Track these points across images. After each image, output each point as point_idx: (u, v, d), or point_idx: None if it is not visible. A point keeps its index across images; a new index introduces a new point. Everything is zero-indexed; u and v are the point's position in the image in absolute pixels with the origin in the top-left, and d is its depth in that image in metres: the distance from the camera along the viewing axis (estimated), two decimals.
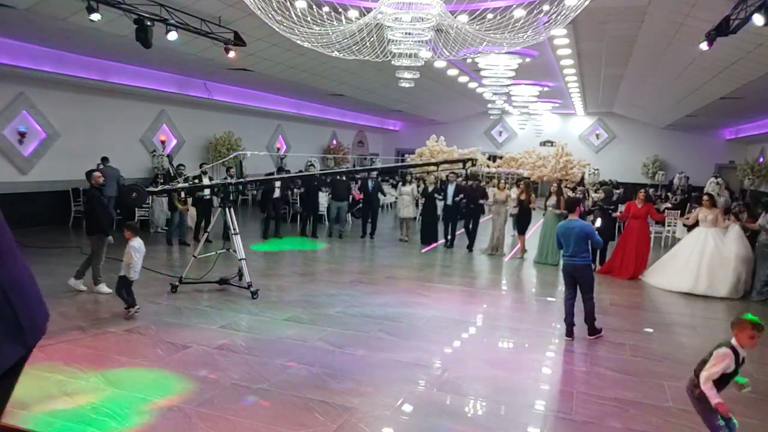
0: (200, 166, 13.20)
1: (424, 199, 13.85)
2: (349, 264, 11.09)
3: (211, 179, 12.41)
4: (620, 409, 4.94)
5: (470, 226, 12.83)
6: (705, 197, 10.40)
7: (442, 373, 5.63)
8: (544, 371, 5.92)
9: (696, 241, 9.84)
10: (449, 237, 13.12)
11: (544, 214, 12.01)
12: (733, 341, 3.73)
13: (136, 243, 6.96)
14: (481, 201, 12.85)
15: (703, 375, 3.69)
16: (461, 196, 12.84)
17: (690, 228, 13.28)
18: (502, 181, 13.80)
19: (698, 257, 9.55)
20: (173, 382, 5.07)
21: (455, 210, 13.02)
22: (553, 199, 11.62)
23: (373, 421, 4.52)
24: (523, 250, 12.16)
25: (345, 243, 13.40)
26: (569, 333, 6.75)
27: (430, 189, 13.63)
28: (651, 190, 18.17)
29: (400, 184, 14.62)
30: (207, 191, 11.38)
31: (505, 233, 12.60)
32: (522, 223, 12.29)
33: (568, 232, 6.72)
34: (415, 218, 14.74)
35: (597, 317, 6.87)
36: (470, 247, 12.69)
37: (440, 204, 13.68)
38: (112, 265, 8.10)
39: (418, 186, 14.60)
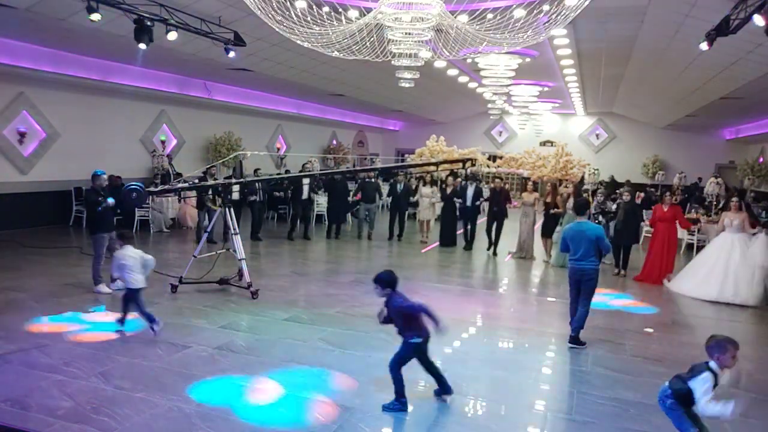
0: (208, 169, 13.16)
1: (443, 201, 13.67)
2: (349, 264, 11.09)
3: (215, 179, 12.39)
4: (620, 409, 4.95)
5: (493, 228, 12.56)
6: (734, 200, 10.01)
7: (442, 373, 5.62)
8: (544, 371, 5.92)
9: (722, 248, 9.44)
10: (467, 239, 13.10)
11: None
12: (713, 365, 3.77)
13: None
14: (507, 205, 12.56)
15: (702, 404, 3.69)
16: (481, 199, 12.84)
17: (685, 227, 13.28)
18: (530, 183, 13.45)
19: (724, 264, 9.19)
20: (173, 382, 5.07)
21: (474, 212, 13.00)
22: (572, 201, 11.47)
23: (373, 421, 4.52)
24: (549, 254, 11.86)
25: (345, 243, 13.40)
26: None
27: (449, 191, 13.51)
28: (651, 190, 18.17)
29: (421, 185, 14.60)
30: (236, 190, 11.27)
31: (534, 236, 12.36)
32: (548, 226, 11.87)
33: (579, 235, 6.43)
34: (431, 219, 14.61)
35: (597, 317, 6.87)
36: (494, 251, 12.50)
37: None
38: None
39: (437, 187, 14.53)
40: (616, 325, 7.43)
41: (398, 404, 4.64)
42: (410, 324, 4.61)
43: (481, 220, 13.45)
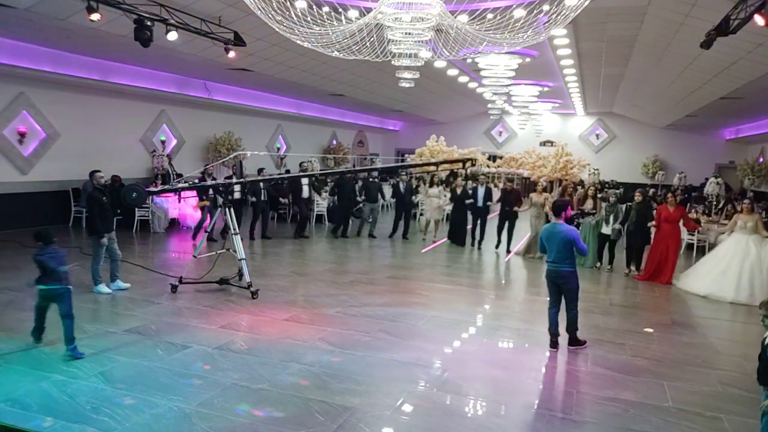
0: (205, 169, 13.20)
1: (452, 202, 13.61)
2: (350, 264, 11.08)
3: (215, 179, 12.44)
4: (620, 409, 4.94)
5: (505, 228, 12.52)
6: (746, 202, 9.81)
7: (442, 373, 5.63)
8: (544, 371, 5.92)
9: (736, 248, 9.25)
10: (474, 236, 13.14)
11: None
12: None
13: None
14: (516, 208, 12.40)
15: None
16: (491, 203, 12.86)
17: (691, 228, 13.27)
18: (540, 184, 13.39)
19: (739, 265, 9.02)
20: (173, 382, 5.07)
21: (484, 211, 13.07)
22: (589, 203, 11.26)
23: (373, 421, 4.52)
24: None
25: (347, 242, 13.39)
26: (554, 344, 6.38)
27: (459, 192, 13.45)
28: (652, 191, 18.15)
29: (427, 185, 14.65)
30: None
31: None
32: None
33: (553, 236, 6.27)
34: (439, 220, 14.56)
35: (597, 317, 6.85)
36: (507, 249, 12.53)
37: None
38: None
39: (446, 187, 14.57)
40: (616, 325, 7.43)
41: (34, 330, 5.82)
42: (44, 275, 5.64)
43: (492, 215, 13.46)
